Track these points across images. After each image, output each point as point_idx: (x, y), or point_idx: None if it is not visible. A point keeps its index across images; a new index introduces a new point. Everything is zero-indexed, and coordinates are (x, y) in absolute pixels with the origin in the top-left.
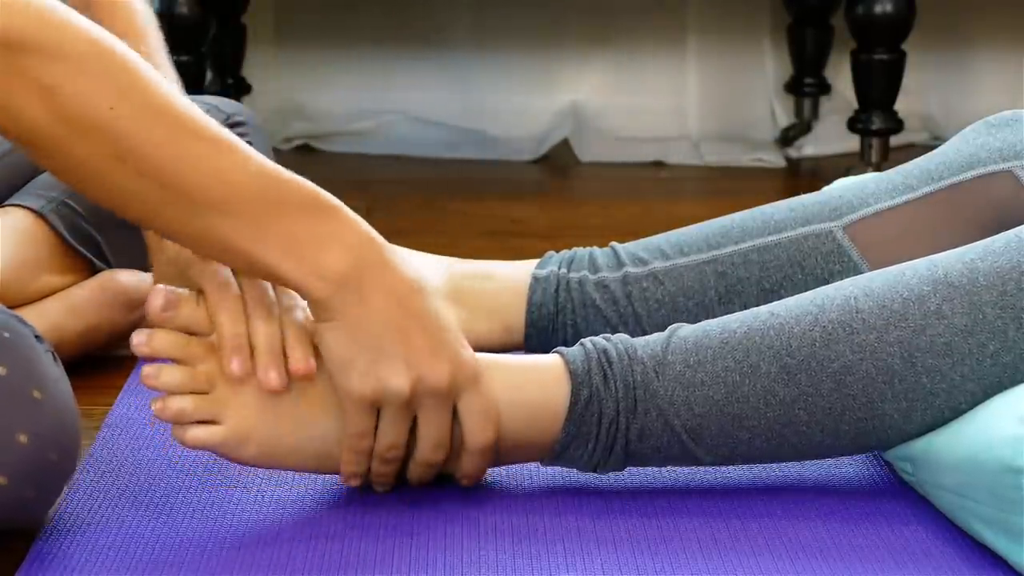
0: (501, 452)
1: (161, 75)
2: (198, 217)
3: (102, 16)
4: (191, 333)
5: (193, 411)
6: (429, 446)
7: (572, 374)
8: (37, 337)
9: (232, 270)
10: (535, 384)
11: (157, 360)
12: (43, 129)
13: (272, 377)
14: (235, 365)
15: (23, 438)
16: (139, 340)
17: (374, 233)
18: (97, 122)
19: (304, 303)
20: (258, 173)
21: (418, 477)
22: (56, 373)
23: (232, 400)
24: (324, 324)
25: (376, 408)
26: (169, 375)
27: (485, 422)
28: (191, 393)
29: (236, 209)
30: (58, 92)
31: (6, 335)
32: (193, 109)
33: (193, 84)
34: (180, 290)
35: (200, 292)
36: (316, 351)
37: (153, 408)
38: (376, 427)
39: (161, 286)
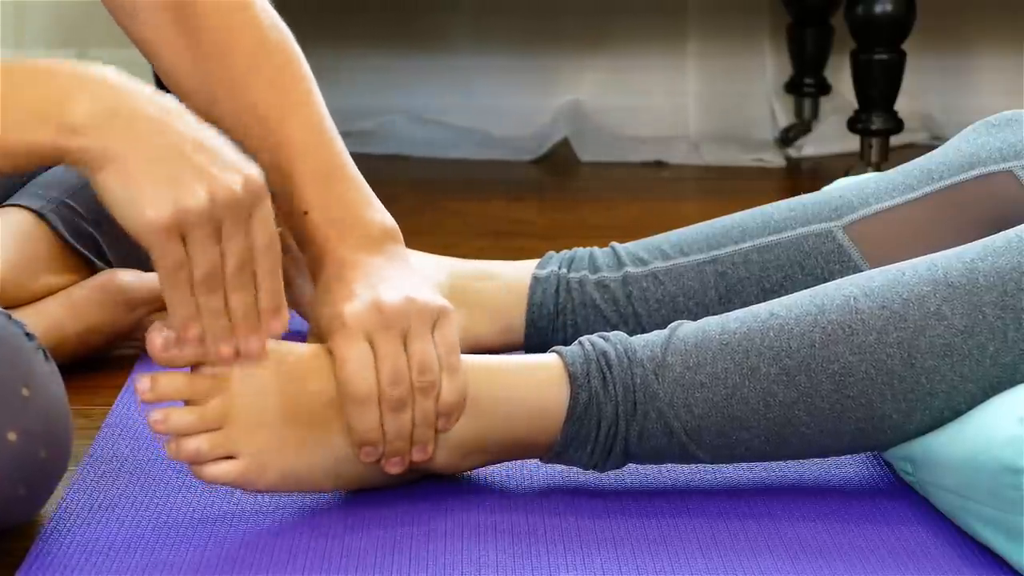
0: (500, 451)
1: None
2: None
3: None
4: (198, 364)
5: (209, 450)
6: (233, 265)
7: (571, 377)
8: (27, 335)
9: None
10: (533, 386)
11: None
12: None
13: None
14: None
15: (12, 436)
16: (143, 387)
17: (112, 73)
18: None
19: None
20: None
21: (236, 307)
22: (46, 370)
23: (245, 433)
24: (99, 173)
25: (180, 236)
26: (179, 418)
27: (272, 240)
28: (203, 431)
29: None
30: None
31: None
32: None
33: None
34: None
35: None
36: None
37: (167, 451)
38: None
39: (158, 323)
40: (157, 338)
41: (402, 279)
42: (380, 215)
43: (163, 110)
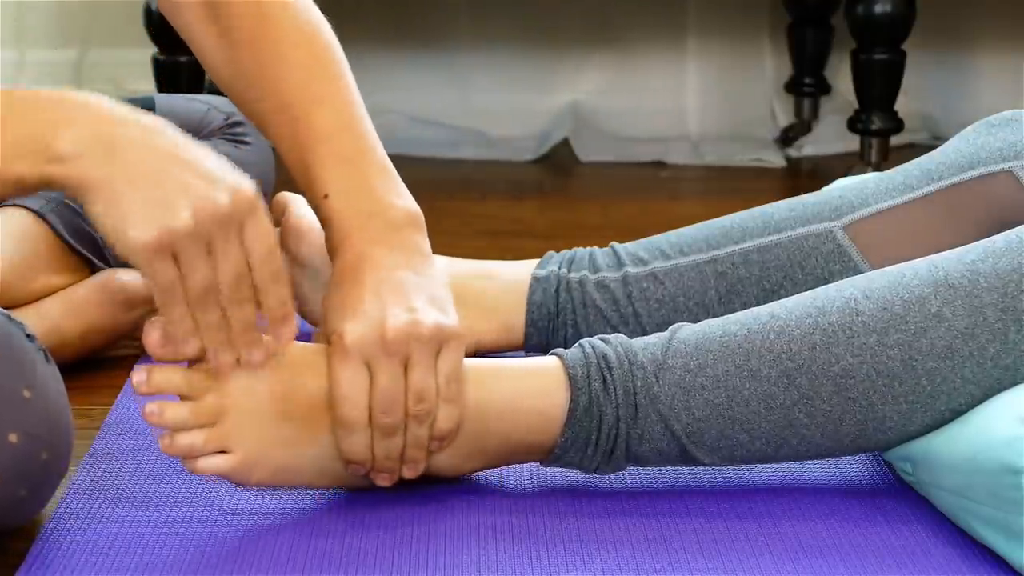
0: (500, 455)
1: None
2: None
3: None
4: (195, 360)
5: (203, 446)
6: (228, 280)
7: (571, 379)
8: (28, 336)
9: None
10: (534, 389)
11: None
12: None
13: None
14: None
15: (13, 437)
16: (139, 379)
17: (95, 99)
18: None
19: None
20: None
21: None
22: (47, 372)
23: (240, 429)
24: (87, 201)
25: (170, 254)
26: (174, 413)
27: (271, 250)
28: (198, 427)
29: None
30: None
31: None
32: None
33: (193, 84)
34: None
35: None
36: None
37: (160, 444)
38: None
39: (155, 319)
40: (154, 333)
41: (416, 290)
42: (403, 200)
43: (146, 131)
